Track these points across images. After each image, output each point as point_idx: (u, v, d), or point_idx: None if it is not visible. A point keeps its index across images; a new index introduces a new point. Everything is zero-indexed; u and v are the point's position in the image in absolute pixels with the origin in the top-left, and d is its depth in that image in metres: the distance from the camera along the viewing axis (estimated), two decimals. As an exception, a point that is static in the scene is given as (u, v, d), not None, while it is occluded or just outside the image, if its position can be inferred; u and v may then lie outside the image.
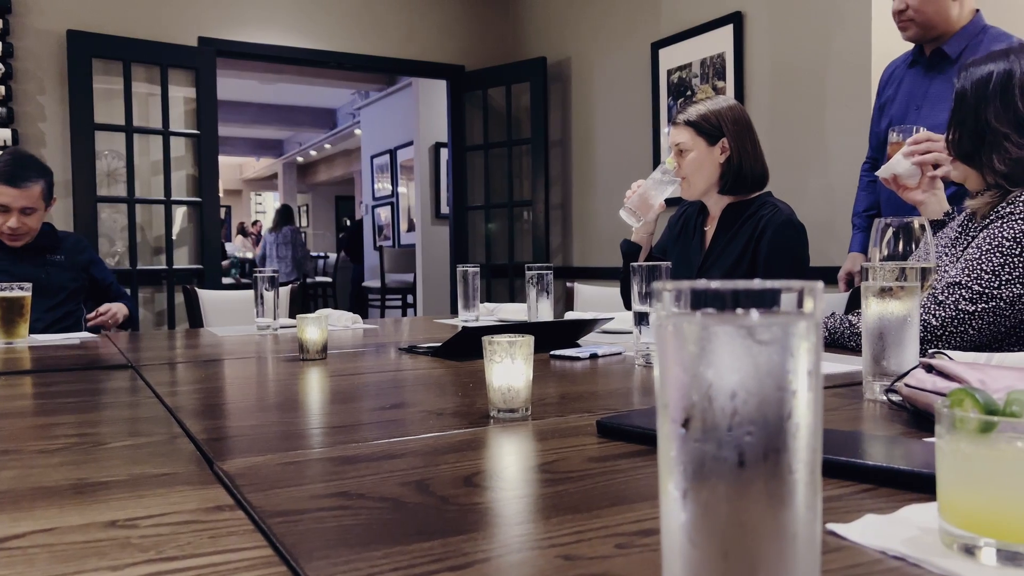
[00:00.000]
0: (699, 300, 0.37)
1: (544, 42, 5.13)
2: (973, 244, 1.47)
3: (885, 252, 1.23)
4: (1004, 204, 1.45)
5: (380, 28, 5.12)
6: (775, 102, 3.39)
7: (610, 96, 4.58)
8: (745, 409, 0.35)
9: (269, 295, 2.26)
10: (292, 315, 2.93)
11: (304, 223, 15.24)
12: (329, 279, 9.77)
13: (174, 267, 4.54)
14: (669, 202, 2.25)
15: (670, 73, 4.04)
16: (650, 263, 1.54)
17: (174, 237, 4.57)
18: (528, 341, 0.96)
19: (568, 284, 3.07)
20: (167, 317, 4.54)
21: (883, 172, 1.81)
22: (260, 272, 2.25)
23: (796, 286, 0.36)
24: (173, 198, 4.53)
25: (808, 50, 3.22)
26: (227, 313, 3.00)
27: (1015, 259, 1.39)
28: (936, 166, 1.81)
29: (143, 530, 0.59)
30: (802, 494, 0.37)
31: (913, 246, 1.22)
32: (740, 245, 2.11)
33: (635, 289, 1.64)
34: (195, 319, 2.99)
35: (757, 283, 0.36)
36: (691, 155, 2.14)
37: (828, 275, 2.95)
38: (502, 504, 0.64)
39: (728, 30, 3.62)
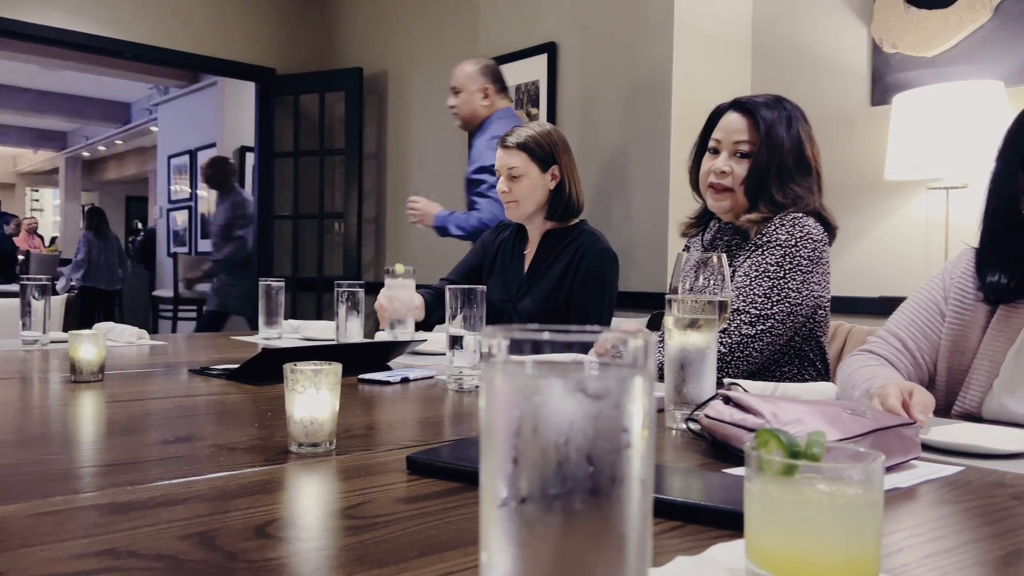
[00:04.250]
0: (530, 350, 0.34)
1: (361, 53, 5.04)
2: (740, 272, 1.60)
3: (686, 285, 1.28)
4: (760, 236, 1.60)
5: (184, 22, 4.79)
6: (584, 132, 3.52)
7: (427, 112, 4.56)
8: (577, 471, 0.33)
9: (38, 304, 2.00)
10: (67, 328, 2.63)
11: (89, 224, 13.93)
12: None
13: (-78, 268, 3.95)
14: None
15: (486, 95, 4.09)
16: (465, 287, 1.52)
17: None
18: (335, 370, 0.90)
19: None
20: (-89, 325, 3.95)
21: None
22: (28, 279, 2.00)
23: (632, 337, 0.34)
24: (-76, 189, 3.95)
25: (615, 84, 3.38)
26: (-14, 324, 2.64)
27: (780, 281, 1.56)
28: None
29: None
30: (632, 556, 0.34)
31: (711, 279, 1.28)
32: (559, 271, 2.15)
33: (449, 311, 1.61)
34: (-55, 330, 2.61)
35: (591, 332, 0.34)
36: (525, 180, 2.16)
37: (628, 300, 3.09)
38: (299, 559, 0.58)
39: (543, 59, 3.72)
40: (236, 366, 1.50)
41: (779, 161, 1.64)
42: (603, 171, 3.39)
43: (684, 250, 1.89)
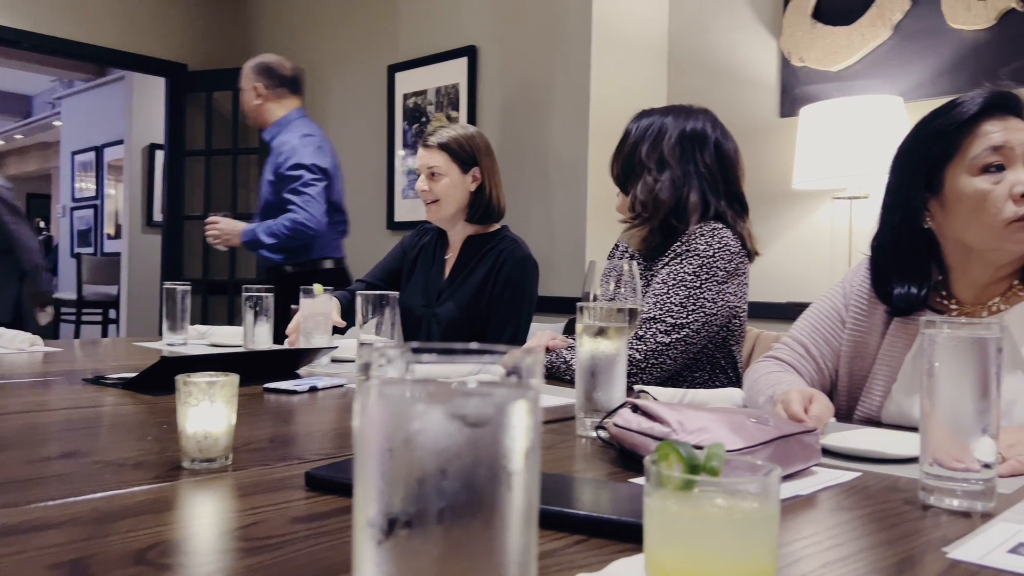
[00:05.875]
0: (409, 370, 0.32)
1: (277, 50, 4.88)
2: (658, 280, 1.62)
3: (597, 292, 1.29)
4: (679, 244, 1.63)
5: (89, 12, 4.58)
6: (504, 136, 3.52)
7: (346, 112, 4.48)
8: (455, 500, 0.31)
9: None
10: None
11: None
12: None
13: None
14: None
15: (406, 97, 4.05)
16: (377, 292, 1.49)
17: None
18: (231, 381, 0.86)
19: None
20: None
21: None
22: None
23: (518, 357, 0.32)
24: None
25: (534, 89, 3.39)
26: None
27: (696, 291, 1.58)
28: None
29: None
30: (515, 588, 0.33)
31: (622, 287, 1.29)
32: (480, 277, 2.14)
33: (360, 317, 1.58)
34: None
35: (474, 352, 0.32)
36: (445, 180, 2.14)
37: (548, 305, 3.10)
38: (180, 587, 0.54)
39: (463, 62, 3.71)
40: (133, 375, 1.42)
41: (628, 156, 1.73)
42: (523, 176, 3.40)
43: (613, 248, 1.91)
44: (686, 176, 1.68)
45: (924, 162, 1.25)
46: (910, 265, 1.28)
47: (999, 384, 0.78)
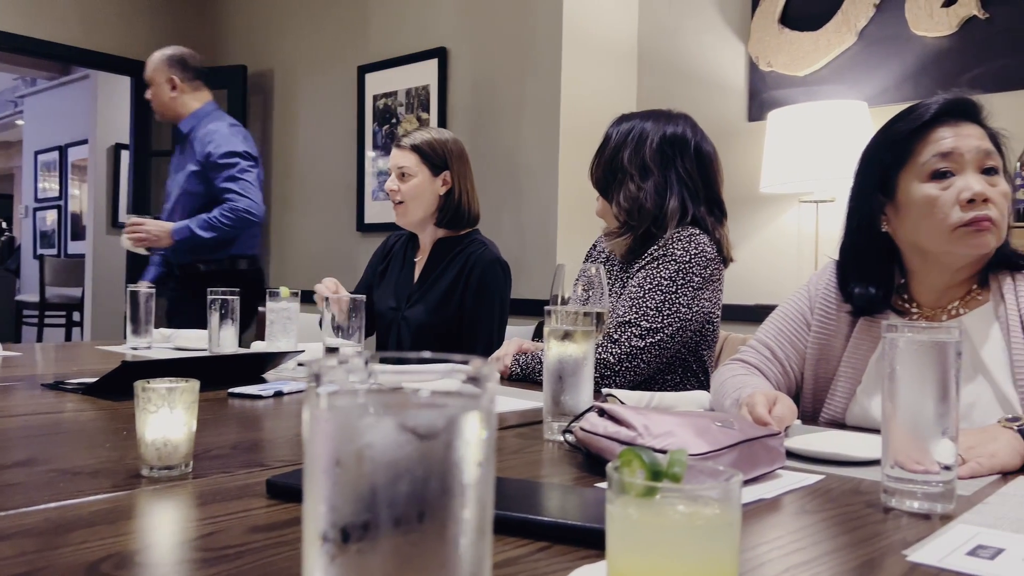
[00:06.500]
0: (360, 379, 0.32)
1: (245, 50, 4.86)
2: (634, 283, 1.62)
3: (565, 296, 1.28)
4: (656, 248, 1.63)
5: (54, 10, 4.49)
6: (474, 138, 3.51)
7: (315, 113, 4.45)
8: (406, 514, 0.30)
9: None
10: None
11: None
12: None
13: None
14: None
15: (376, 99, 4.02)
16: (346, 295, 1.48)
17: None
18: (191, 387, 0.84)
19: (260, 309, 2.88)
20: None
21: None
22: None
23: (470, 368, 0.32)
24: None
25: (505, 91, 3.39)
26: None
27: (672, 296, 1.58)
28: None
29: None
30: (469, 601, 0.32)
31: (589, 291, 1.29)
32: (450, 280, 2.13)
33: (326, 322, 1.56)
34: None
35: (430, 360, 0.32)
36: (414, 180, 2.13)
37: (520, 307, 3.09)
38: (133, 600, 0.53)
39: (433, 64, 3.69)
40: (94, 380, 1.40)
41: (610, 161, 1.72)
42: (493, 178, 3.39)
43: (591, 249, 1.91)
44: (667, 183, 1.68)
45: (880, 167, 1.27)
46: (871, 268, 1.30)
47: (958, 387, 0.79)
